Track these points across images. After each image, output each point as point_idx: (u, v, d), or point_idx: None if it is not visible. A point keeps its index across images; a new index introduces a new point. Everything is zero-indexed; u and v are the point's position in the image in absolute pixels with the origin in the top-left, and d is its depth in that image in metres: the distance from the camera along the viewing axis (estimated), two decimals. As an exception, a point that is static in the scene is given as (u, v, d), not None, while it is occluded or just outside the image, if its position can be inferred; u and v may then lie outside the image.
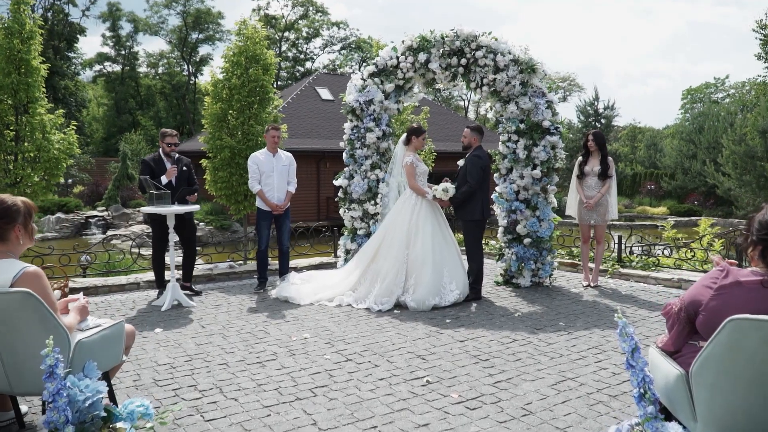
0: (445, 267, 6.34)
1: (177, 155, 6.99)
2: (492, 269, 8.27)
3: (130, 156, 28.45)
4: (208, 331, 5.47)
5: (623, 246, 8.17)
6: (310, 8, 51.16)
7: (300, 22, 51.91)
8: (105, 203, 26.81)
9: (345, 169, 7.60)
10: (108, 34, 49.82)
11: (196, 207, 6.62)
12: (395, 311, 6.14)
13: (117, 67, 51.19)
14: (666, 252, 8.10)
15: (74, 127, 8.11)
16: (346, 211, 7.56)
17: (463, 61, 7.16)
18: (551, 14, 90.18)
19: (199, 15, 48.51)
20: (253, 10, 50.66)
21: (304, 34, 52.46)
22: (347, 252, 7.61)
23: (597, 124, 32.88)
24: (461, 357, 4.65)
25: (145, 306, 6.47)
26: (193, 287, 7.08)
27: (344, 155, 7.58)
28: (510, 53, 7.04)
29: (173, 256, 6.55)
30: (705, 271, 7.35)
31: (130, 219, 25.10)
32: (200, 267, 8.11)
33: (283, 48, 52.89)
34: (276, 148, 7.20)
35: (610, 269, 7.79)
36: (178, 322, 5.79)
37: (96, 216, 24.96)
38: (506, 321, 5.74)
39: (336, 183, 7.64)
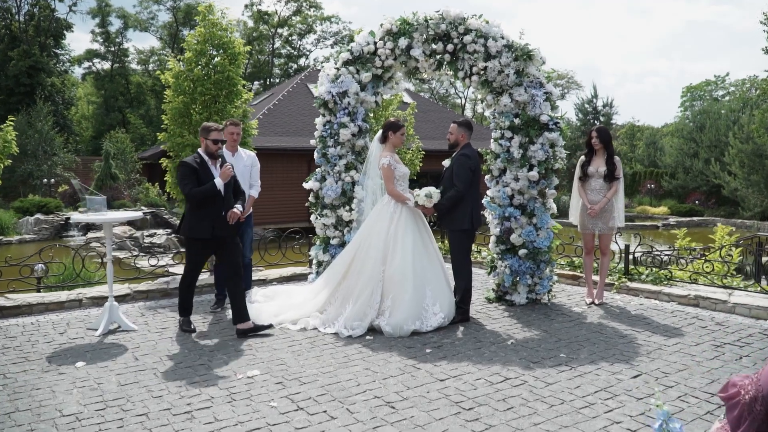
0: (427, 286, 5.44)
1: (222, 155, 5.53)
2: (483, 282, 7.39)
3: (113, 155, 27.49)
4: (140, 364, 4.57)
5: (629, 255, 7.27)
6: (304, 3, 50.17)
7: (294, 18, 50.94)
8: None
9: (316, 170, 6.71)
10: (97, 30, 48.83)
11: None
12: (368, 337, 5.24)
13: (107, 65, 50.21)
14: (678, 258, 7.20)
15: (11, 124, 7.18)
16: (318, 217, 6.66)
17: (450, 46, 6.26)
18: (548, 12, 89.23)
19: (189, 11, 47.45)
20: (246, 5, 49.69)
21: (298, 30, 51.49)
22: (319, 264, 6.72)
23: (596, 122, 32.11)
24: (439, 405, 3.75)
25: (79, 330, 5.56)
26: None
27: (315, 154, 6.68)
28: (503, 38, 6.15)
29: (111, 270, 5.63)
30: (725, 287, 6.46)
31: (113, 220, 24.17)
32: (156, 281, 7.20)
33: (276, 45, 51.94)
34: (236, 147, 6.29)
35: (616, 283, 6.90)
36: (109, 352, 4.89)
37: (77, 217, 24.00)
38: (497, 351, 4.84)
39: (306, 186, 6.75)
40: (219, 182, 5.23)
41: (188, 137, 7.85)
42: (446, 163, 5.85)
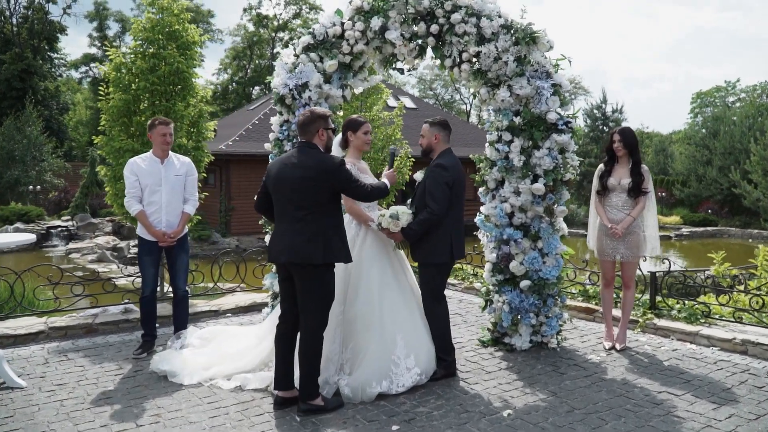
0: (398, 332, 4.17)
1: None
2: (478, 317, 6.12)
3: (99, 161, 26.40)
4: (-5, 450, 3.33)
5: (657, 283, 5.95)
6: (303, 6, 49.21)
7: (293, 21, 49.97)
8: (71, 212, 24.81)
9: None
10: (95, 34, 48.04)
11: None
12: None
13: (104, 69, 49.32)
14: (718, 292, 5.90)
15: None
16: (273, 238, 5.41)
17: (434, 27, 5.02)
18: (552, 16, 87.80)
19: (188, 14, 46.58)
20: (245, 9, 48.81)
21: (299, 34, 50.49)
22: (275, 296, 5.48)
23: (605, 128, 30.85)
24: None
25: (-46, 385, 4.33)
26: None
27: (270, 161, 5.43)
28: (500, 17, 4.91)
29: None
30: (780, 329, 5.16)
31: (97, 229, 23.15)
32: (80, 313, 5.95)
33: (277, 49, 50.91)
34: (167, 151, 5.06)
35: (641, 320, 5.61)
36: (-33, 425, 3.65)
37: (59, 226, 23.07)
38: (488, 429, 3.56)
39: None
40: (387, 183, 4.15)
41: (128, 141, 6.61)
42: (418, 176, 4.56)
